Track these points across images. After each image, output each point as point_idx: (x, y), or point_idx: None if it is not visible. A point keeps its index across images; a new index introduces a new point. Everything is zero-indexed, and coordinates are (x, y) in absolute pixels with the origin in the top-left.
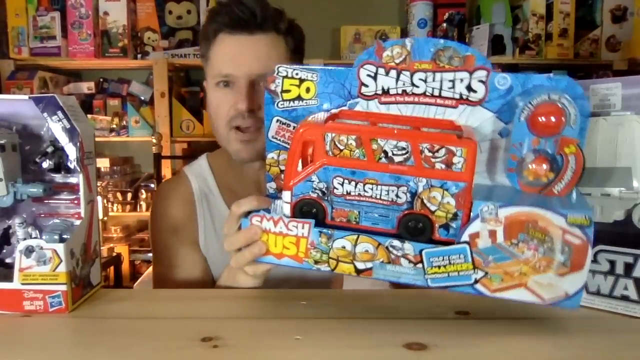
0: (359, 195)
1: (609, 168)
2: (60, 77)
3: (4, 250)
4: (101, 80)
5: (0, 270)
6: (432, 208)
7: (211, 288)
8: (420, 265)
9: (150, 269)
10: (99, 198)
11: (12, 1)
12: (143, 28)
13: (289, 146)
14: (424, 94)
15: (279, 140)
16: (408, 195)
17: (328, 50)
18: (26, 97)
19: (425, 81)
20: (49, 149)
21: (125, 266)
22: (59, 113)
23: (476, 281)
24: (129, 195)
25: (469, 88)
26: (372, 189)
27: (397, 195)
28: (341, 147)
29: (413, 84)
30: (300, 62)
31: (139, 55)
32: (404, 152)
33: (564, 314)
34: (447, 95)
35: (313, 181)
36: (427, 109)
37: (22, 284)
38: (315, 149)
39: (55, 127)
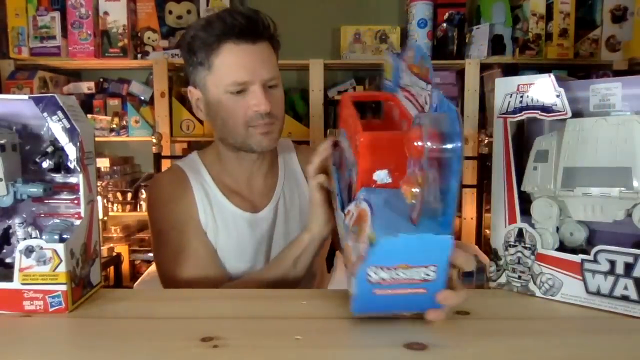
0: (343, 148)
1: (609, 168)
2: (60, 77)
3: (4, 250)
4: (101, 80)
5: (0, 270)
6: (352, 179)
7: (218, 269)
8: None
9: (150, 268)
10: (99, 198)
11: (12, 1)
12: (143, 28)
13: None
14: (412, 94)
15: None
16: (351, 165)
17: (328, 50)
18: (26, 97)
19: (411, 84)
20: (49, 149)
21: (125, 266)
22: (59, 113)
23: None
24: (129, 195)
25: (425, 100)
26: (344, 142)
27: (351, 162)
28: (348, 127)
29: (412, 84)
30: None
31: (139, 55)
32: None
33: (564, 314)
34: (420, 101)
35: (340, 133)
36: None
37: (22, 284)
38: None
39: (55, 127)
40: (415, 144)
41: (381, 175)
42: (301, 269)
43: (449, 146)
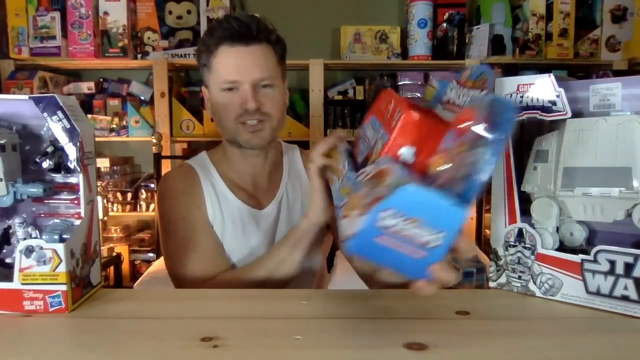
0: (367, 136)
1: (609, 168)
2: (60, 77)
3: (4, 250)
4: (101, 80)
5: (0, 270)
6: (374, 152)
7: (223, 263)
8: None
9: (150, 268)
10: (99, 198)
11: (12, 1)
12: (143, 28)
13: None
14: (457, 105)
15: None
16: (374, 140)
17: (328, 50)
18: (26, 97)
19: (463, 96)
20: (49, 149)
21: (125, 266)
22: (59, 113)
23: (343, 205)
24: (129, 195)
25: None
26: (373, 133)
27: (372, 140)
28: (384, 108)
29: (459, 96)
30: (285, 67)
31: (139, 55)
32: (390, 112)
33: (564, 314)
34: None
35: (366, 125)
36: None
37: (22, 284)
38: (377, 106)
39: (55, 127)
40: (466, 123)
41: (406, 153)
42: (299, 256)
43: (494, 134)
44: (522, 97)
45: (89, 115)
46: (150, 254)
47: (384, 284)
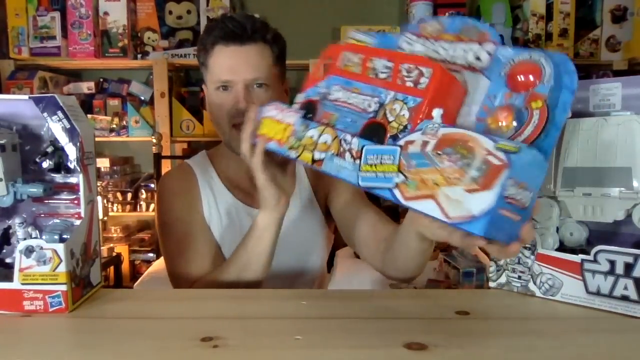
0: (344, 101)
1: (609, 168)
2: (60, 77)
3: (4, 250)
4: (101, 80)
5: (0, 270)
6: (390, 118)
7: (220, 263)
8: (358, 161)
9: (151, 268)
10: (99, 198)
11: (12, 1)
12: (143, 28)
13: None
14: (442, 60)
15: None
16: (377, 105)
17: None
18: (26, 97)
19: (446, 50)
20: (49, 149)
21: (125, 266)
22: (59, 113)
23: (396, 185)
24: (129, 195)
25: (477, 58)
26: (354, 97)
27: (369, 105)
28: (349, 64)
29: (435, 51)
30: (284, 66)
31: (139, 55)
32: (388, 70)
33: (564, 314)
34: (459, 62)
35: (320, 87)
36: None
37: (22, 284)
38: (332, 63)
39: (55, 127)
40: (519, 77)
41: (437, 114)
42: (264, 256)
43: (563, 89)
44: None
45: (89, 115)
46: (150, 254)
47: (396, 279)
